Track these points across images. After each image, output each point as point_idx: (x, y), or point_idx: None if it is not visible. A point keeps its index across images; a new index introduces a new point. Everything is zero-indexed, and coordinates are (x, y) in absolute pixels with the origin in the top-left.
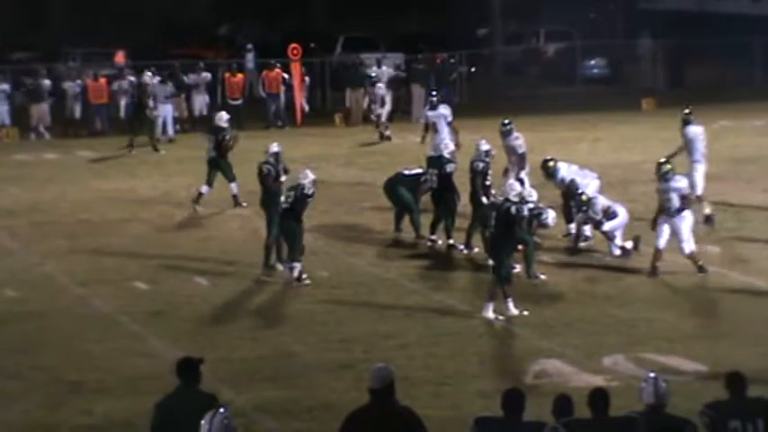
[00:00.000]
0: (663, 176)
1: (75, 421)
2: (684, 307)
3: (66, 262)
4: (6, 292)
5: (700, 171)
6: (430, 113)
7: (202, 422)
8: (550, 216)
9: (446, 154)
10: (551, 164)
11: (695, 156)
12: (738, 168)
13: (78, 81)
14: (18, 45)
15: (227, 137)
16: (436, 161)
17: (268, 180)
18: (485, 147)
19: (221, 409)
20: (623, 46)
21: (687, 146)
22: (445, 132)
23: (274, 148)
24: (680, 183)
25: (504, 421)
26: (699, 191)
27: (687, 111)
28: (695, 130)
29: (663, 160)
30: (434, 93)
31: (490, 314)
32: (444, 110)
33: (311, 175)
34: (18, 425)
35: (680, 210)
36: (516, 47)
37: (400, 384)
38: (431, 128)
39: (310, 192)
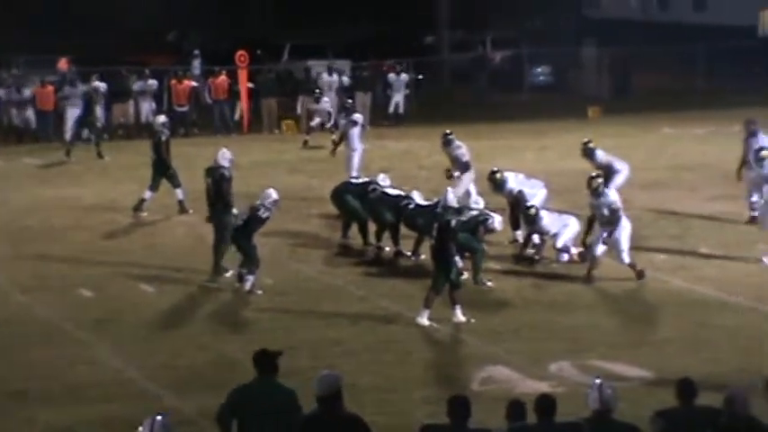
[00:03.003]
0: (594, 191)
1: (19, 430)
2: (629, 313)
3: (9, 269)
4: None
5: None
6: (343, 121)
7: (140, 428)
8: (497, 221)
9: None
10: (498, 176)
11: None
12: (681, 176)
13: (27, 88)
14: None
15: (163, 138)
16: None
17: (225, 186)
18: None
19: (159, 416)
20: (569, 53)
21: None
22: (357, 142)
23: (228, 153)
24: (610, 197)
25: (449, 428)
26: None
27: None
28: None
29: (594, 174)
30: (349, 100)
31: (425, 321)
32: (357, 118)
33: (274, 196)
34: None
35: (610, 222)
36: (463, 54)
37: (347, 391)
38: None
39: (265, 215)
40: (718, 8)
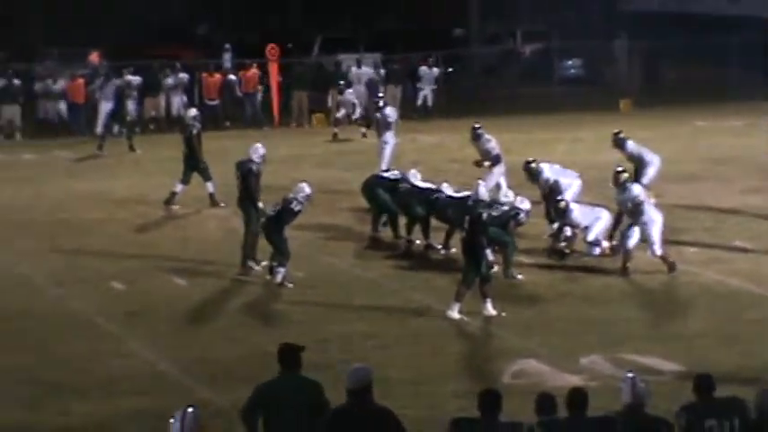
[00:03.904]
0: (620, 185)
1: (53, 422)
2: (661, 307)
3: (42, 262)
4: None
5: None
6: (377, 115)
7: (171, 420)
8: (526, 207)
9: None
10: (534, 165)
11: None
12: (714, 169)
13: (60, 81)
14: None
15: (195, 132)
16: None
17: (253, 181)
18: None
19: (190, 408)
20: (600, 47)
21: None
22: (389, 135)
23: (261, 149)
24: (634, 191)
25: (480, 422)
26: None
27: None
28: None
29: (619, 168)
30: (380, 95)
31: (455, 314)
32: (389, 111)
33: (307, 190)
34: None
35: (633, 215)
36: (493, 47)
37: (378, 384)
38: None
39: (297, 209)
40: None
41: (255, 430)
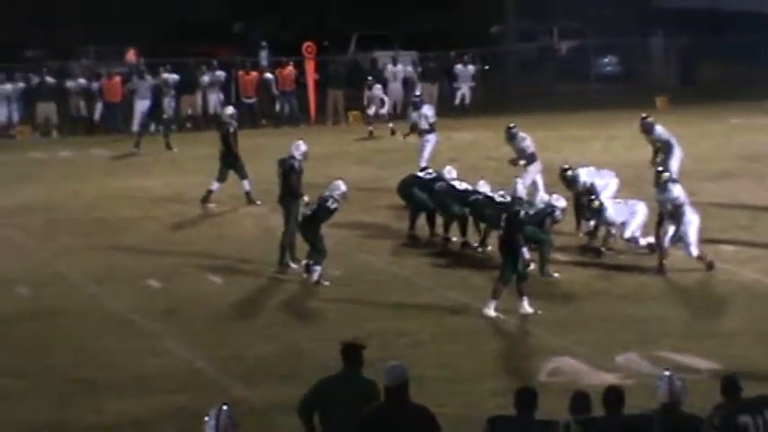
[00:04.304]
0: (661, 186)
1: (86, 420)
2: (697, 305)
3: (79, 260)
4: (19, 290)
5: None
6: (413, 114)
7: (206, 418)
8: (561, 205)
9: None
10: (570, 173)
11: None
12: (750, 166)
13: (96, 80)
14: (30, 43)
15: (231, 130)
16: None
17: (294, 178)
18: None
19: (224, 406)
20: (636, 44)
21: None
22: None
23: (303, 146)
24: (674, 192)
25: (517, 420)
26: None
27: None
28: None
29: (661, 169)
30: (418, 94)
31: (491, 312)
32: (427, 110)
33: (343, 188)
34: (29, 423)
35: (673, 216)
36: (530, 44)
37: (414, 382)
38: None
39: (333, 206)
40: None
41: (310, 425)
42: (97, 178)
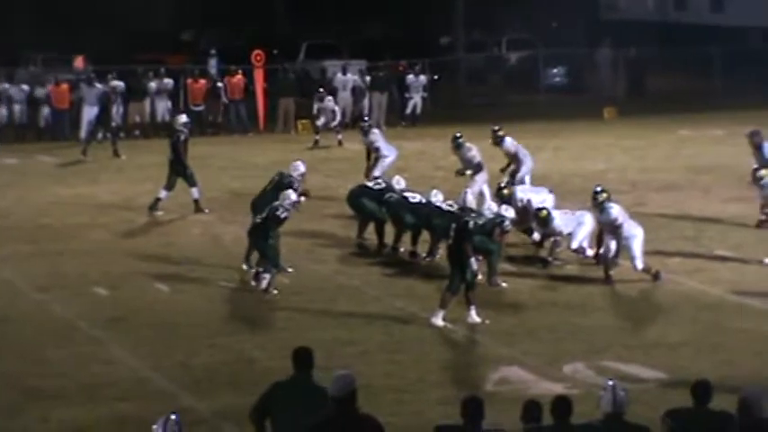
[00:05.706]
0: (598, 206)
1: (32, 428)
2: (643, 315)
3: (25, 267)
4: None
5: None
6: (363, 139)
7: (154, 426)
8: (510, 215)
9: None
10: (506, 191)
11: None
12: (697, 177)
13: (40, 87)
14: None
15: (183, 138)
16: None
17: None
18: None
19: (173, 415)
20: (584, 55)
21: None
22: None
23: (302, 167)
24: (613, 214)
25: (463, 429)
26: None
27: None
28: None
29: (599, 189)
30: (365, 118)
31: (439, 321)
32: (373, 136)
33: (293, 197)
34: None
35: (613, 233)
36: (479, 55)
37: (361, 392)
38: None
39: (283, 215)
40: (735, 9)
41: (262, 429)
42: (44, 185)
